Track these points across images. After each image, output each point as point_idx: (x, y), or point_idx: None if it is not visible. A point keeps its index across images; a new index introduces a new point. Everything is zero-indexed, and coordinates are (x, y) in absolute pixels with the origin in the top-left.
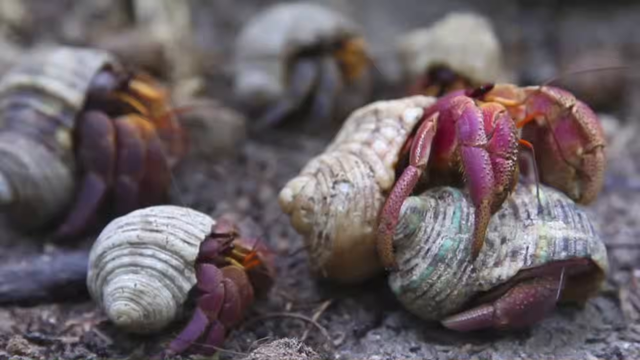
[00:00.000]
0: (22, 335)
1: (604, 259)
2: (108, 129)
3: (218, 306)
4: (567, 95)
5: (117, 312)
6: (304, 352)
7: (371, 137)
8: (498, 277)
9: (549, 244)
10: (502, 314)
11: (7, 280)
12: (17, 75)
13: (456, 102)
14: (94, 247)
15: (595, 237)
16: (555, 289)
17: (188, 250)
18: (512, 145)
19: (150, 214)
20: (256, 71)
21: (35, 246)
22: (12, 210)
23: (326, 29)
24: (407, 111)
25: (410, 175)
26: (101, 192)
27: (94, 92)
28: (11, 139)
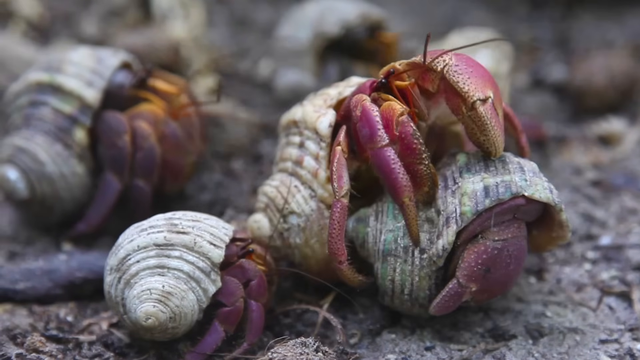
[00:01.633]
0: (40, 333)
1: (542, 192)
2: (125, 129)
3: (236, 320)
4: (442, 57)
5: (146, 314)
6: (321, 351)
7: (300, 154)
8: (442, 248)
9: (470, 198)
10: (466, 281)
11: (24, 278)
12: (36, 73)
13: (354, 102)
14: (115, 252)
15: (527, 176)
16: (504, 238)
17: (215, 252)
18: (419, 150)
19: (174, 217)
20: (290, 69)
21: (53, 244)
22: (29, 206)
23: (350, 18)
24: (319, 123)
25: (338, 209)
26: (117, 192)
27: (113, 90)
28: (29, 136)
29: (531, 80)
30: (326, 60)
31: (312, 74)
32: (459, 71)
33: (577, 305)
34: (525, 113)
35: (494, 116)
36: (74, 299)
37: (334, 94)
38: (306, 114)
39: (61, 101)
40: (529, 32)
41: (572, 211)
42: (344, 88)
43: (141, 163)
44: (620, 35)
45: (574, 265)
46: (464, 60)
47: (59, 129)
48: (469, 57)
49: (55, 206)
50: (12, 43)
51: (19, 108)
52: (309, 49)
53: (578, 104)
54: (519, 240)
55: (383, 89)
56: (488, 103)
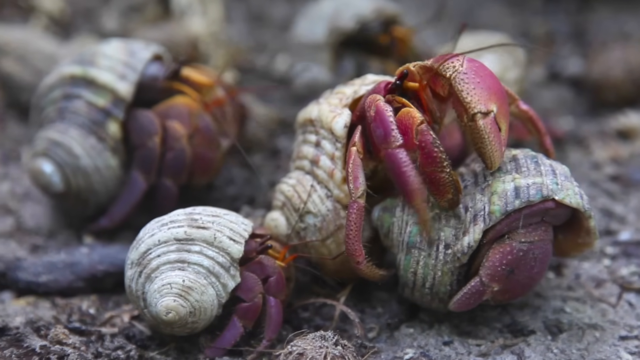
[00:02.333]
0: (63, 325)
1: (573, 197)
2: (156, 130)
3: (255, 316)
4: (452, 62)
5: (166, 308)
6: (340, 344)
7: (316, 153)
8: (468, 245)
9: (500, 197)
10: (489, 280)
11: (46, 271)
12: (69, 66)
13: (369, 102)
14: (135, 246)
15: (558, 179)
16: (531, 240)
17: (235, 248)
18: (440, 159)
19: (195, 212)
20: (308, 64)
21: (75, 238)
22: (64, 199)
23: (365, 13)
24: (334, 123)
25: (354, 210)
26: (142, 191)
27: (146, 82)
28: (63, 130)
29: (547, 74)
30: (342, 56)
31: (328, 69)
32: (466, 80)
33: (597, 301)
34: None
35: (493, 131)
36: (96, 291)
37: (349, 93)
38: (322, 113)
39: (94, 94)
40: (545, 25)
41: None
42: (359, 87)
43: (170, 163)
44: (637, 28)
45: (593, 261)
46: (474, 69)
47: (93, 122)
48: (481, 65)
49: (90, 199)
50: (34, 37)
51: (52, 101)
52: (325, 45)
53: (595, 98)
54: (545, 244)
55: (397, 91)
56: (489, 117)
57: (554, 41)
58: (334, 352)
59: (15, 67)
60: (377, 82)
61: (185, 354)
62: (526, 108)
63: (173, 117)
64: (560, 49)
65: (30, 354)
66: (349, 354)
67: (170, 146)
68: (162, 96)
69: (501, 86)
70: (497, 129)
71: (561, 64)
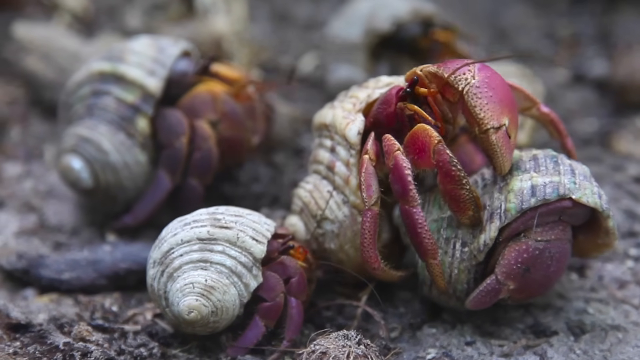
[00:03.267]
0: (86, 322)
1: (591, 196)
2: (184, 131)
3: (276, 316)
4: (464, 73)
5: (188, 308)
6: (363, 344)
7: (332, 158)
8: (484, 243)
9: (516, 195)
10: (504, 278)
11: (69, 269)
12: (98, 63)
13: (387, 148)
14: (158, 245)
15: (577, 179)
16: (547, 239)
17: (257, 248)
18: (459, 177)
19: (217, 212)
20: (342, 64)
21: (97, 235)
22: (93, 195)
23: (401, 14)
24: (348, 130)
25: (368, 219)
26: (167, 190)
27: (175, 78)
28: (92, 126)
29: (572, 75)
30: (379, 57)
31: (364, 70)
32: (479, 95)
33: (620, 303)
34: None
35: (505, 143)
36: (118, 289)
37: (363, 97)
38: (336, 119)
39: (124, 90)
40: (570, 27)
41: (615, 208)
42: (373, 90)
43: (197, 163)
44: None
45: (616, 262)
46: (486, 81)
47: (122, 118)
48: (493, 73)
49: (119, 195)
50: (57, 35)
51: (81, 98)
52: (361, 45)
53: (620, 100)
54: (562, 243)
55: (409, 98)
56: (501, 131)
57: (579, 43)
58: (356, 351)
59: (38, 65)
60: (390, 84)
61: (208, 353)
62: (547, 111)
63: (198, 106)
64: (585, 51)
65: (53, 351)
66: (372, 354)
67: (198, 146)
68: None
69: (511, 94)
70: (507, 139)
71: (586, 65)
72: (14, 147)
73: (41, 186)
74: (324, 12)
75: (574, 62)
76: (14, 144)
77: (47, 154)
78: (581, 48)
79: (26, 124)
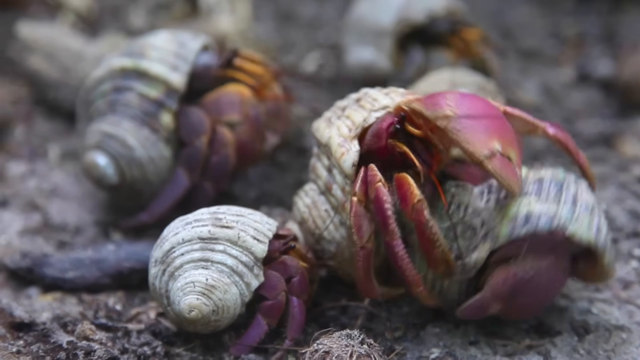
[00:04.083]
0: (90, 321)
1: (585, 232)
2: (205, 130)
3: (279, 314)
4: (442, 111)
5: (189, 306)
6: (366, 343)
7: (328, 179)
8: (475, 261)
9: (509, 221)
10: (491, 298)
11: (73, 267)
12: (119, 59)
13: (370, 178)
14: (159, 244)
15: (576, 210)
16: (537, 267)
17: (259, 247)
18: (431, 239)
19: (219, 212)
20: (366, 47)
21: (101, 234)
22: (118, 191)
23: (437, 9)
24: (343, 162)
25: (361, 257)
26: (185, 188)
27: (198, 71)
28: (116, 122)
29: (577, 75)
30: (405, 46)
31: (388, 57)
32: (460, 129)
33: (624, 303)
34: (566, 112)
35: (504, 167)
36: (122, 288)
37: (358, 122)
38: (332, 144)
39: (147, 86)
40: (575, 27)
41: (619, 208)
42: (369, 114)
43: (214, 167)
44: None
45: (620, 263)
46: (466, 112)
47: (146, 114)
48: (474, 100)
49: (144, 190)
50: (61, 34)
51: (102, 94)
52: (390, 32)
53: (625, 100)
54: (553, 271)
55: (400, 133)
56: (495, 157)
57: (585, 43)
58: (360, 350)
59: (42, 64)
60: (387, 108)
61: (211, 351)
62: (553, 132)
63: (224, 105)
64: (591, 51)
65: (57, 350)
66: (375, 353)
67: (216, 150)
68: (216, 85)
69: (498, 116)
70: (506, 162)
71: (591, 65)
72: (18, 146)
73: (45, 185)
74: (329, 11)
75: (579, 61)
76: (18, 143)
77: (51, 153)
78: (587, 48)
79: (30, 123)
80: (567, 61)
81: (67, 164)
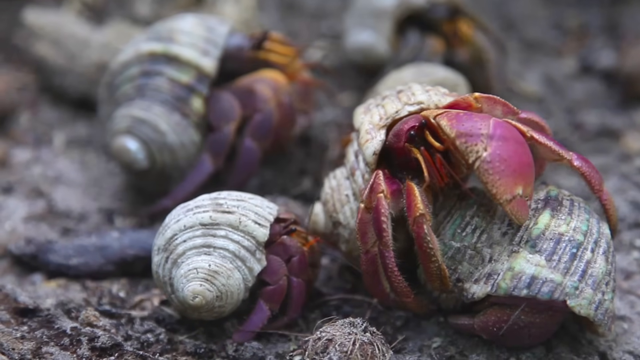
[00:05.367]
0: (94, 308)
1: (585, 307)
2: (235, 117)
3: (280, 299)
4: (474, 146)
5: (193, 293)
6: (369, 331)
7: (354, 164)
8: (472, 294)
9: (513, 277)
10: (479, 329)
11: (77, 254)
12: (147, 43)
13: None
14: (162, 232)
15: (583, 282)
16: (531, 321)
17: (260, 231)
18: (428, 253)
19: (220, 197)
20: (366, 29)
21: (105, 221)
22: (147, 176)
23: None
24: (365, 148)
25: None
26: (208, 173)
27: (232, 53)
28: (146, 107)
29: (579, 66)
30: (403, 30)
31: (387, 41)
32: (490, 171)
33: (626, 293)
34: (569, 103)
35: (520, 209)
36: (126, 275)
37: (390, 112)
38: (362, 129)
39: (177, 71)
40: (578, 18)
41: (621, 199)
42: (403, 106)
43: (257, 125)
44: None
45: (622, 253)
46: (498, 152)
47: (176, 99)
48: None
49: (174, 175)
50: (67, 22)
51: (129, 78)
52: (390, 15)
53: (627, 91)
54: (545, 326)
55: (418, 138)
56: (515, 201)
57: (587, 34)
58: (362, 338)
59: (48, 51)
60: (421, 104)
61: (214, 339)
62: (579, 165)
63: None
64: (593, 42)
65: (61, 335)
66: (378, 341)
67: (258, 108)
68: (247, 66)
69: (527, 156)
70: (523, 204)
71: (593, 56)
72: (23, 133)
73: (50, 172)
74: (332, 2)
75: (581, 53)
76: (23, 130)
77: (56, 140)
78: (589, 39)
79: (35, 110)
80: (569, 52)
81: (72, 151)
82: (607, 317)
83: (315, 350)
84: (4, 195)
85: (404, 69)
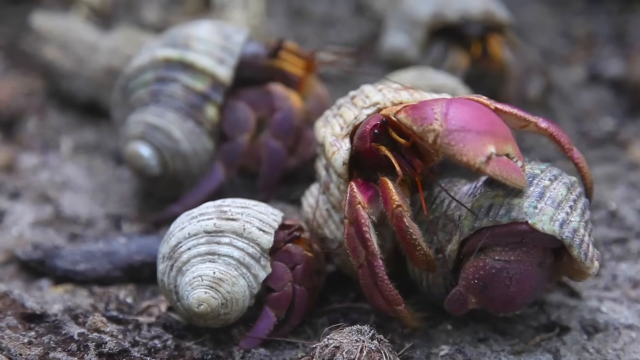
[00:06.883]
0: (101, 313)
1: (547, 223)
2: (249, 127)
3: (286, 305)
4: (430, 126)
5: (198, 300)
6: (376, 339)
7: (326, 178)
8: (449, 252)
9: (473, 214)
10: (465, 291)
11: (84, 260)
12: (163, 50)
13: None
14: (166, 240)
15: (542, 202)
16: (506, 259)
17: (264, 238)
18: (411, 243)
19: (224, 204)
20: (401, 34)
21: (113, 227)
22: (158, 182)
23: (473, 12)
24: (334, 160)
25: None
26: (220, 182)
27: (247, 60)
28: (160, 113)
29: (587, 74)
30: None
31: (418, 48)
32: (452, 142)
33: (633, 302)
34: (576, 111)
35: (504, 168)
36: (133, 281)
37: (349, 120)
38: (325, 143)
39: (192, 78)
40: (586, 26)
41: (629, 208)
42: (360, 111)
43: (278, 123)
44: None
45: (630, 262)
46: (454, 122)
47: (190, 106)
48: (461, 106)
49: (185, 182)
50: (75, 26)
51: (144, 84)
52: (424, 25)
53: (635, 100)
54: (523, 265)
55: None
56: (492, 160)
57: (595, 42)
58: (370, 346)
59: (56, 54)
60: (377, 105)
61: (221, 345)
62: (545, 126)
63: None
64: (601, 51)
65: (68, 341)
66: (385, 349)
67: (278, 106)
68: (261, 74)
69: (488, 116)
70: (505, 161)
71: (601, 65)
72: (31, 138)
73: (57, 177)
74: (341, 9)
75: (589, 61)
76: (31, 135)
77: (63, 146)
78: (597, 47)
79: (43, 115)
80: (577, 61)
81: (80, 157)
82: (578, 240)
83: (322, 357)
84: (11, 200)
85: (407, 72)
